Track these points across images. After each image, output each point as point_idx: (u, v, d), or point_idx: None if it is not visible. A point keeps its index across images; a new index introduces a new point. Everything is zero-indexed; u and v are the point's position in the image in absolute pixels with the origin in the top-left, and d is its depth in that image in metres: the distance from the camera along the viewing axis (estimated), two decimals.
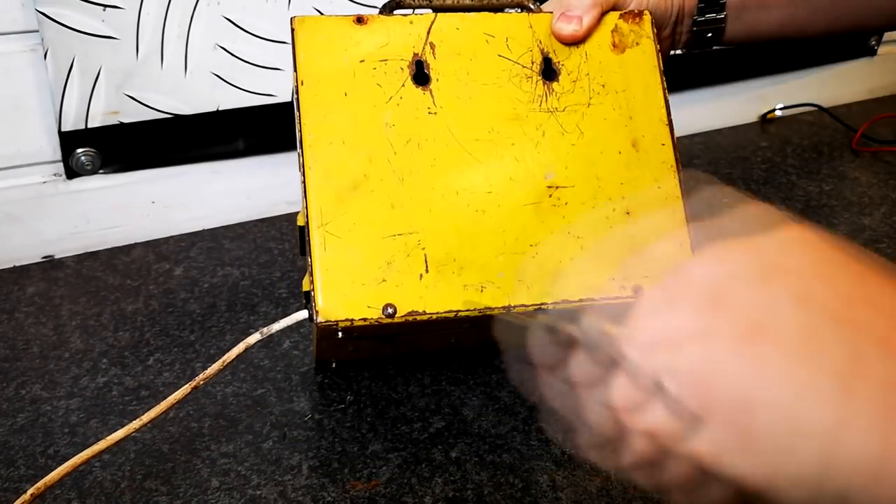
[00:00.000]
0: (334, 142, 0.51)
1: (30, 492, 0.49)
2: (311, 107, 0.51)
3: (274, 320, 0.68)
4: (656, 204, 0.55)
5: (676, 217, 0.54)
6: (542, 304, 0.52)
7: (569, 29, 0.54)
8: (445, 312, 0.51)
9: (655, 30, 0.56)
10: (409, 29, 0.54)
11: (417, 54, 0.53)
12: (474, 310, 0.51)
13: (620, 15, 0.56)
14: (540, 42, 0.55)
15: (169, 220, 0.80)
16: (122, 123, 0.74)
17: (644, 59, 0.56)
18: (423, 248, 0.51)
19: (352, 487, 0.54)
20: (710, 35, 0.62)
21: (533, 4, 0.57)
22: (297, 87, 0.52)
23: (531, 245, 0.53)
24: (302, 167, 0.51)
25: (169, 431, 0.58)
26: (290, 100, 0.78)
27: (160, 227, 0.80)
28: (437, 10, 0.56)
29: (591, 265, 0.54)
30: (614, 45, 0.56)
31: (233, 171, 0.80)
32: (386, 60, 0.53)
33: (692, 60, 0.96)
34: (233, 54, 0.74)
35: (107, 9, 0.68)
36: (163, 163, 0.78)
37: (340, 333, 0.51)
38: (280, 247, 0.79)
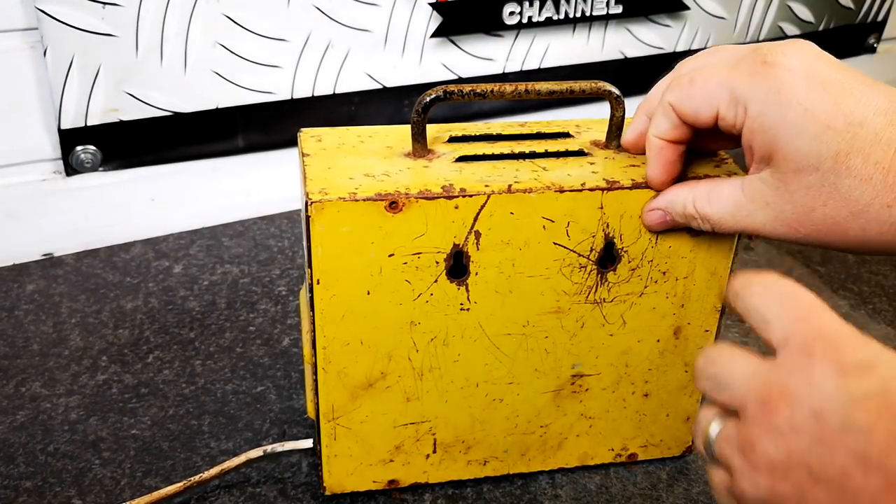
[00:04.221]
0: (351, 342, 0.46)
1: None
2: (327, 308, 0.45)
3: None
4: (678, 386, 0.53)
5: (694, 396, 0.54)
6: (538, 471, 0.54)
7: (658, 226, 0.46)
8: (447, 483, 0.53)
9: None
10: (453, 215, 0.44)
11: (458, 245, 0.45)
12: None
13: None
14: (607, 225, 0.46)
15: (168, 218, 0.80)
16: (121, 121, 0.74)
17: (722, 241, 0.48)
18: (434, 434, 0.51)
19: None
20: None
21: (615, 90, 0.47)
22: (311, 284, 0.45)
23: (541, 426, 0.52)
24: (314, 366, 0.47)
25: (169, 429, 0.58)
26: (288, 97, 0.78)
27: (160, 225, 0.80)
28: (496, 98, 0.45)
29: (594, 438, 0.54)
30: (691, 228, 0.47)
31: (232, 168, 0.80)
32: (420, 254, 0.44)
33: None
34: (232, 52, 0.74)
35: (106, 6, 0.68)
36: (162, 160, 0.78)
37: None
38: (279, 244, 0.79)
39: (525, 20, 0.83)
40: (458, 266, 0.45)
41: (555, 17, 0.85)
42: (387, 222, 0.43)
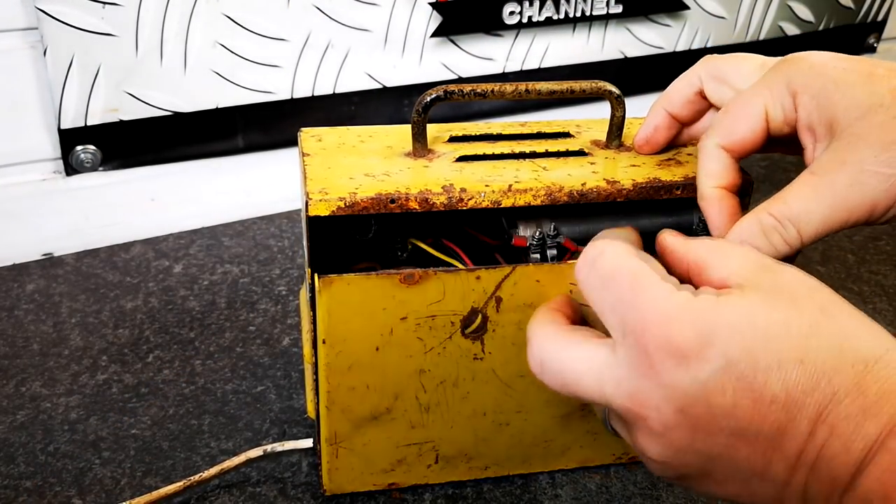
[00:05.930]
0: (357, 387, 0.46)
1: None
2: (333, 362, 0.44)
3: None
4: None
5: None
6: (534, 472, 0.54)
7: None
8: (447, 482, 0.53)
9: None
10: (473, 284, 0.43)
11: (477, 308, 0.44)
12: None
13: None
14: None
15: (168, 218, 0.80)
16: (121, 121, 0.74)
17: None
18: (437, 450, 0.51)
19: None
20: None
21: (616, 90, 0.47)
22: (316, 340, 0.44)
23: (546, 440, 0.52)
24: (316, 402, 0.47)
25: (169, 429, 0.58)
26: (288, 97, 0.78)
27: (160, 225, 0.80)
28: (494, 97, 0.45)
29: (596, 447, 0.54)
30: None
31: (232, 168, 0.80)
32: (434, 317, 0.44)
33: (691, 59, 0.96)
34: (232, 52, 0.74)
35: (106, 6, 0.68)
36: (162, 160, 0.78)
37: None
38: (279, 244, 0.79)
39: (525, 20, 0.83)
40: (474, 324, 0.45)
41: (555, 17, 0.85)
42: (400, 292, 0.42)
